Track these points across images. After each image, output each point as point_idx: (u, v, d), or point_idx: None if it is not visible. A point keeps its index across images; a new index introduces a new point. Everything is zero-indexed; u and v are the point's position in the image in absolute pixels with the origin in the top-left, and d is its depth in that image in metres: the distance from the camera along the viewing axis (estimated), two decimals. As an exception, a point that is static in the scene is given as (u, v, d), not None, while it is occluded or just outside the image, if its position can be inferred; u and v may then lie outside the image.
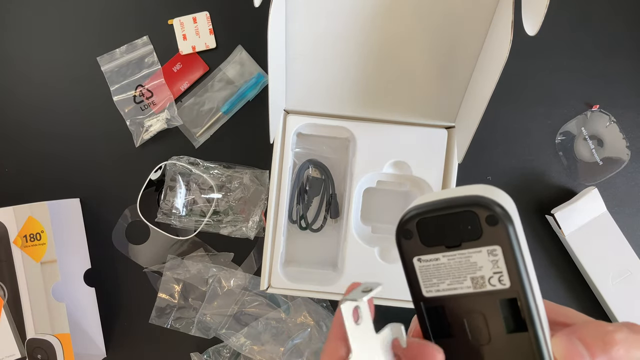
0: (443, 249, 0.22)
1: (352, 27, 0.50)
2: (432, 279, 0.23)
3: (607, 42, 0.60)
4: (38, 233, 0.53)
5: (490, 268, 0.22)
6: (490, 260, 0.21)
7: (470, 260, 0.22)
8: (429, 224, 0.22)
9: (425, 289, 0.23)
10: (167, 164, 0.61)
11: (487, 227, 0.21)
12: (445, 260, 0.22)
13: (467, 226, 0.21)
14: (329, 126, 0.55)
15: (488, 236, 0.21)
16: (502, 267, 0.21)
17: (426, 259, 0.23)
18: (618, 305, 0.56)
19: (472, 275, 0.22)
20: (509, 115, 0.61)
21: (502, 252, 0.21)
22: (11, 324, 0.53)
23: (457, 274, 0.22)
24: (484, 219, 0.21)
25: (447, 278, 0.23)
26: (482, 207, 0.21)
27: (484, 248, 0.21)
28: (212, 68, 0.62)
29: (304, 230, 0.58)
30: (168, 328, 0.60)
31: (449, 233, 0.22)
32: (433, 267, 0.23)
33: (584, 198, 0.56)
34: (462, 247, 0.22)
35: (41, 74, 0.63)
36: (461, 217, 0.21)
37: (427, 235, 0.22)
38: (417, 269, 0.23)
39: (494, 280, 0.22)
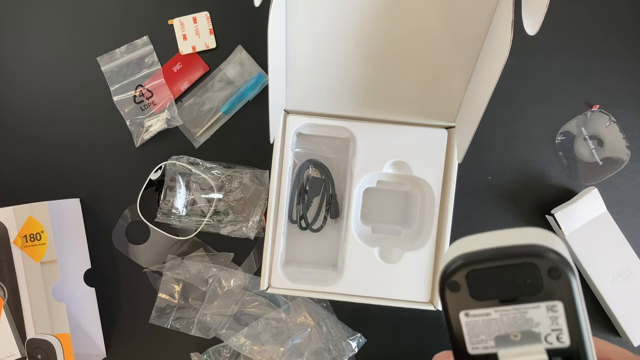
0: (496, 303, 0.20)
1: (352, 27, 0.50)
2: (480, 335, 0.21)
3: (607, 42, 0.61)
4: (38, 233, 0.53)
5: (548, 325, 0.20)
6: (549, 316, 0.20)
7: (526, 317, 0.20)
8: (481, 276, 0.20)
9: (471, 346, 0.21)
10: (167, 164, 0.61)
11: (548, 281, 0.19)
12: (497, 316, 0.20)
13: (526, 279, 0.19)
14: (329, 126, 0.55)
15: (549, 290, 0.19)
16: (562, 325, 0.20)
17: (475, 313, 0.20)
18: (618, 305, 0.56)
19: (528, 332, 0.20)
20: (509, 115, 0.61)
21: (563, 308, 0.19)
22: (11, 324, 0.53)
23: (511, 330, 0.20)
24: (545, 271, 0.19)
25: (498, 334, 0.20)
26: (544, 259, 0.19)
27: (543, 303, 0.19)
28: (212, 68, 0.62)
29: (304, 230, 0.58)
30: (168, 328, 0.60)
31: (504, 286, 0.20)
32: (482, 323, 0.20)
33: (584, 198, 0.56)
34: (518, 302, 0.20)
35: (41, 74, 0.63)
36: (519, 269, 0.19)
37: (478, 289, 0.20)
38: (464, 324, 0.21)
39: (551, 337, 0.20)
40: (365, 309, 0.56)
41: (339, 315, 0.60)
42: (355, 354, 0.58)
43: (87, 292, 0.60)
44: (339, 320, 0.59)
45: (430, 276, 0.54)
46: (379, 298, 0.54)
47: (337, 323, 0.59)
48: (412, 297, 0.54)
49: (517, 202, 0.60)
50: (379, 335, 0.60)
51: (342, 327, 0.59)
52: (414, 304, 0.54)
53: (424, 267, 0.54)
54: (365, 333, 0.59)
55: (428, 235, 0.54)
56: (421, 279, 0.54)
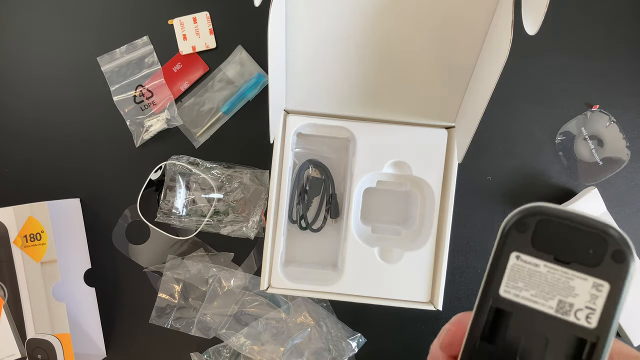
0: (550, 258, 0.20)
1: (352, 27, 0.50)
2: (519, 281, 0.21)
3: (607, 42, 0.61)
4: (38, 233, 0.53)
5: (585, 300, 0.20)
6: (591, 293, 0.20)
7: (570, 283, 0.20)
8: (552, 228, 0.20)
9: (504, 288, 0.21)
10: (167, 164, 0.61)
11: (609, 260, 0.20)
12: (545, 271, 0.21)
13: (590, 249, 0.20)
14: (329, 126, 0.55)
15: (604, 270, 0.20)
16: (599, 306, 0.20)
17: (526, 259, 0.21)
18: (618, 305, 0.56)
19: (562, 298, 0.20)
20: (509, 115, 0.61)
21: (608, 291, 0.20)
22: (11, 324, 0.53)
23: (549, 289, 0.20)
24: (611, 250, 0.20)
25: (535, 288, 0.21)
26: (615, 240, 0.19)
27: (592, 278, 0.20)
28: (212, 68, 0.62)
29: (304, 230, 0.58)
30: (168, 328, 0.60)
31: (566, 246, 0.20)
32: (527, 271, 0.21)
33: (584, 198, 0.56)
34: (570, 266, 0.20)
35: (41, 74, 0.63)
36: (589, 237, 0.20)
37: (542, 237, 0.21)
38: (510, 265, 0.21)
39: (581, 314, 0.20)
40: (365, 309, 0.56)
41: (339, 315, 0.60)
42: (355, 354, 0.58)
43: (87, 292, 0.60)
44: (339, 320, 0.59)
45: (430, 276, 0.54)
46: (379, 298, 0.54)
47: (337, 323, 0.59)
48: (412, 297, 0.54)
49: (517, 202, 0.60)
50: (379, 335, 0.60)
51: (342, 327, 0.59)
52: (414, 304, 0.54)
53: (424, 267, 0.54)
54: (365, 333, 0.59)
55: (428, 235, 0.54)
56: (421, 279, 0.54)
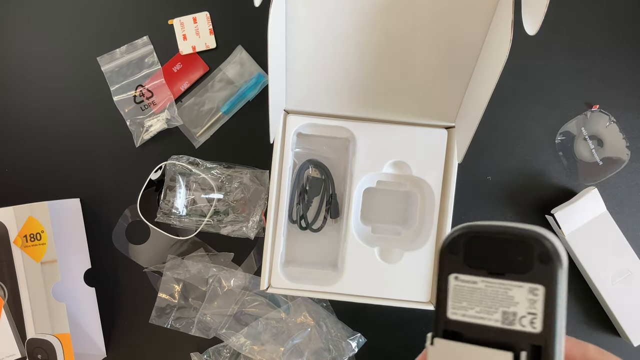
0: (485, 273, 0.21)
1: (352, 27, 0.50)
2: (463, 301, 0.22)
3: (607, 41, 0.61)
4: (38, 233, 0.53)
5: (526, 307, 0.21)
6: (528, 298, 0.21)
7: (508, 293, 0.21)
8: (480, 244, 0.22)
9: (451, 310, 0.22)
10: (167, 164, 0.61)
11: (537, 264, 0.20)
12: (483, 286, 0.22)
13: (518, 257, 0.21)
14: (329, 126, 0.55)
15: (536, 274, 0.20)
16: (539, 310, 0.20)
17: (464, 279, 0.22)
18: (618, 305, 0.56)
19: (505, 309, 0.21)
20: (509, 115, 0.61)
21: (544, 293, 0.20)
22: (11, 324, 0.53)
23: (491, 303, 0.21)
24: (537, 255, 0.20)
25: (479, 305, 0.22)
26: (538, 243, 0.20)
27: (527, 284, 0.21)
28: (212, 68, 0.62)
29: (304, 230, 0.58)
30: (168, 328, 0.60)
31: (497, 259, 0.21)
32: (468, 290, 0.22)
33: (584, 198, 0.56)
34: (505, 277, 0.21)
35: (41, 74, 0.63)
36: (514, 246, 0.21)
37: (473, 255, 0.22)
38: (451, 287, 0.22)
39: (525, 320, 0.21)
40: (365, 309, 0.56)
41: (339, 315, 0.60)
42: (355, 353, 0.58)
43: (87, 292, 0.60)
44: (339, 320, 0.59)
45: (431, 276, 0.54)
46: (379, 298, 0.54)
47: (337, 323, 0.59)
48: (412, 297, 0.54)
49: (517, 202, 0.60)
50: (379, 335, 0.60)
51: (342, 327, 0.59)
52: (414, 304, 0.54)
53: (424, 267, 0.54)
54: (365, 333, 0.59)
55: (428, 235, 0.54)
56: (421, 279, 0.54)
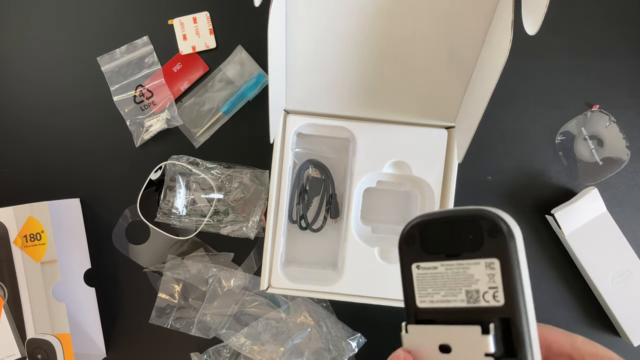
0: (443, 257, 0.22)
1: (352, 27, 0.50)
2: (428, 288, 0.23)
3: (607, 42, 0.61)
4: (38, 233, 0.53)
5: (486, 282, 0.21)
6: (487, 273, 0.21)
7: (467, 272, 0.22)
8: (433, 231, 0.22)
9: (419, 299, 0.23)
10: (167, 164, 0.61)
11: (488, 239, 0.21)
12: (443, 270, 0.22)
13: (469, 236, 0.21)
14: (329, 126, 0.55)
15: (488, 248, 0.21)
16: (498, 283, 0.21)
17: (425, 266, 0.23)
18: (618, 305, 0.56)
19: (467, 289, 0.22)
20: (509, 115, 0.61)
21: (500, 266, 0.21)
22: (11, 324, 0.53)
23: (453, 285, 0.22)
24: (486, 230, 0.21)
25: (443, 289, 0.22)
26: (485, 218, 0.21)
27: (482, 260, 0.21)
28: (212, 68, 0.62)
29: (304, 230, 0.58)
30: (168, 328, 0.60)
31: (451, 242, 0.22)
32: (430, 276, 0.22)
33: (584, 198, 0.56)
34: (461, 257, 0.22)
35: (41, 74, 0.63)
36: (464, 226, 0.21)
37: (429, 242, 0.22)
38: (415, 276, 0.23)
39: (488, 295, 0.21)
40: (365, 309, 0.56)
41: (339, 315, 0.60)
42: (355, 354, 0.58)
43: (87, 292, 0.60)
44: (339, 320, 0.59)
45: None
46: (379, 298, 0.54)
47: (337, 323, 0.59)
48: (412, 297, 0.54)
49: (517, 202, 0.60)
50: (379, 335, 0.60)
51: (342, 327, 0.59)
52: (414, 304, 0.53)
53: (424, 267, 0.54)
54: (365, 333, 0.59)
55: (428, 235, 0.54)
56: (421, 279, 0.54)
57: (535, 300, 0.38)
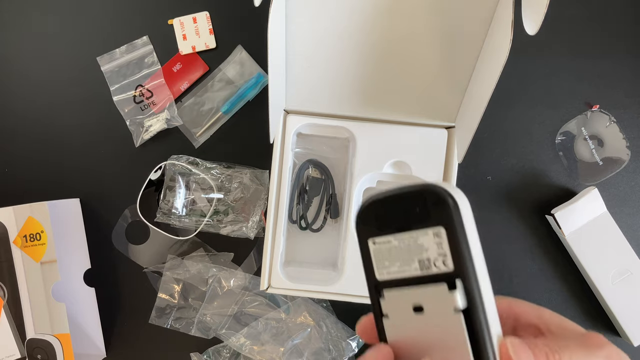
0: (394, 230, 0.23)
1: (352, 27, 0.50)
2: (384, 261, 0.24)
3: (607, 42, 0.60)
4: (38, 233, 0.53)
5: (435, 250, 0.22)
6: (435, 242, 0.22)
7: (417, 242, 0.23)
8: (383, 208, 0.24)
9: (377, 272, 0.24)
10: (167, 164, 0.61)
11: (433, 209, 0.22)
12: (396, 243, 0.23)
13: (416, 208, 0.22)
14: (329, 126, 0.55)
15: (433, 217, 0.22)
16: (446, 249, 0.22)
17: (380, 241, 0.24)
18: (618, 305, 0.56)
19: (419, 258, 0.23)
20: (509, 115, 0.61)
21: (445, 233, 0.22)
22: (11, 324, 0.53)
23: (407, 256, 0.23)
24: (431, 201, 0.22)
25: (398, 260, 0.23)
26: (429, 190, 0.22)
27: (429, 230, 0.22)
28: (212, 68, 0.62)
29: (304, 230, 0.58)
30: (168, 328, 0.60)
31: (400, 216, 0.23)
32: (385, 250, 0.24)
33: (584, 198, 0.56)
34: (411, 228, 0.23)
35: (41, 74, 0.63)
36: (411, 200, 0.23)
37: (381, 219, 0.24)
38: (372, 251, 0.24)
39: (438, 262, 0.22)
40: (365, 309, 0.56)
41: (339, 315, 0.60)
42: (355, 353, 0.58)
43: (87, 292, 0.60)
44: (339, 320, 0.59)
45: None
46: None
47: (337, 323, 0.59)
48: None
49: (517, 202, 0.60)
50: (379, 335, 0.60)
51: (342, 327, 0.58)
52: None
53: (424, 267, 0.54)
54: (365, 333, 0.59)
55: (428, 235, 0.54)
56: (421, 279, 0.54)
57: (536, 299, 0.38)
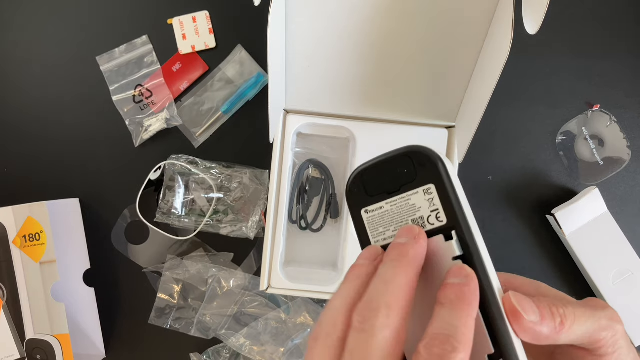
0: (385, 196, 0.24)
1: (352, 27, 0.50)
2: (379, 227, 0.24)
3: (607, 41, 0.60)
4: (37, 233, 0.53)
5: (427, 207, 0.23)
6: (426, 199, 0.23)
7: (409, 203, 0.23)
8: (371, 176, 0.24)
9: (373, 239, 0.25)
10: (167, 164, 0.60)
11: (420, 168, 0.23)
12: (389, 207, 0.24)
13: (404, 170, 0.23)
14: (329, 126, 0.55)
15: (422, 177, 0.23)
16: (438, 204, 0.23)
17: (372, 209, 0.24)
18: (619, 305, 0.56)
19: (413, 217, 0.23)
20: (509, 115, 0.61)
21: (435, 189, 0.23)
22: (10, 325, 0.53)
23: (400, 218, 0.24)
24: (416, 161, 0.23)
25: (392, 224, 0.24)
26: (414, 151, 0.23)
27: (419, 188, 0.23)
28: (211, 68, 0.62)
29: (304, 230, 0.58)
30: (167, 328, 0.60)
31: (389, 180, 0.24)
32: (378, 216, 0.24)
33: (585, 198, 0.56)
34: (401, 191, 0.23)
35: (40, 74, 0.62)
36: (397, 163, 0.24)
37: (370, 186, 0.24)
38: (365, 220, 0.25)
39: (432, 218, 0.23)
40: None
41: (339, 315, 0.59)
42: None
43: (86, 292, 0.60)
44: (339, 321, 0.59)
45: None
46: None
47: (337, 323, 0.58)
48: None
49: (518, 202, 0.60)
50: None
51: (342, 328, 0.58)
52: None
53: (424, 267, 0.54)
54: (365, 333, 0.59)
55: (428, 236, 0.54)
56: (421, 279, 0.54)
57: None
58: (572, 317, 0.22)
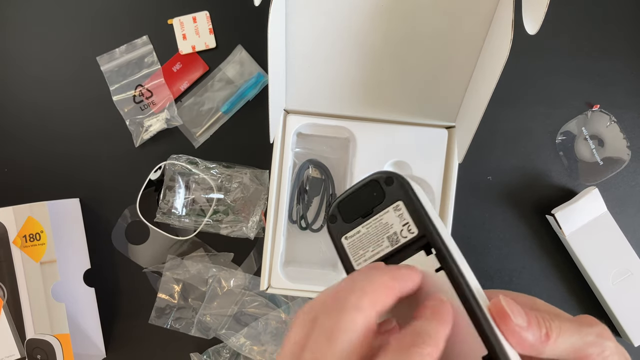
0: (361, 220, 0.26)
1: (352, 27, 0.50)
2: (359, 250, 0.26)
3: (607, 41, 0.60)
4: (38, 233, 0.53)
5: (399, 222, 0.25)
6: (397, 215, 0.25)
7: (382, 222, 0.25)
8: (346, 204, 0.26)
9: (355, 264, 0.26)
10: (167, 164, 0.60)
11: (387, 188, 0.25)
12: (365, 230, 0.26)
13: (373, 194, 0.26)
14: (329, 126, 0.55)
15: (390, 196, 0.25)
16: (407, 217, 0.25)
17: (351, 234, 0.26)
18: (618, 305, 0.56)
19: (387, 235, 0.25)
20: (509, 115, 0.61)
21: (403, 204, 0.25)
22: (11, 324, 0.53)
23: (376, 238, 0.25)
24: (383, 182, 0.25)
25: (370, 245, 0.26)
26: (379, 176, 0.26)
27: (389, 207, 0.25)
28: (212, 68, 0.62)
29: (304, 230, 0.58)
30: (168, 328, 0.60)
31: (362, 205, 0.26)
32: (357, 240, 0.26)
33: (585, 198, 0.56)
34: (373, 212, 0.25)
35: (40, 74, 0.62)
36: (367, 189, 0.26)
37: (347, 214, 0.26)
38: (346, 247, 0.26)
39: (404, 232, 0.25)
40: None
41: (339, 315, 0.60)
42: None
43: (86, 292, 0.60)
44: (339, 321, 0.59)
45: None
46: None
47: (337, 323, 0.58)
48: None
49: (518, 202, 0.60)
50: (379, 335, 0.60)
51: (342, 327, 0.58)
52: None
53: (424, 267, 0.54)
54: (365, 333, 0.59)
55: (428, 236, 0.54)
56: (421, 279, 0.54)
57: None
58: (557, 330, 0.22)
